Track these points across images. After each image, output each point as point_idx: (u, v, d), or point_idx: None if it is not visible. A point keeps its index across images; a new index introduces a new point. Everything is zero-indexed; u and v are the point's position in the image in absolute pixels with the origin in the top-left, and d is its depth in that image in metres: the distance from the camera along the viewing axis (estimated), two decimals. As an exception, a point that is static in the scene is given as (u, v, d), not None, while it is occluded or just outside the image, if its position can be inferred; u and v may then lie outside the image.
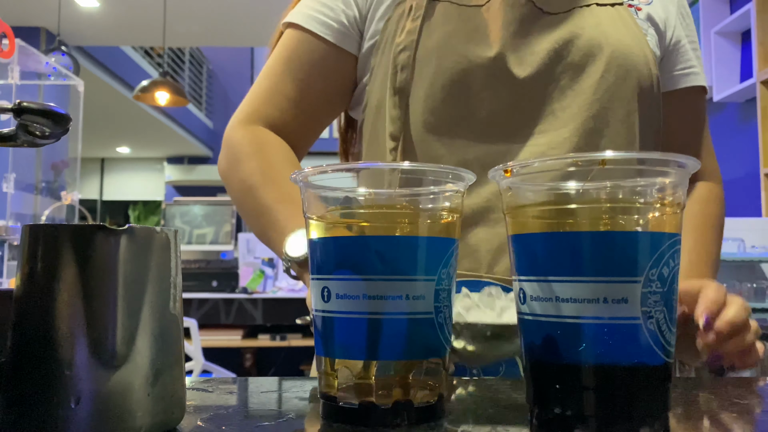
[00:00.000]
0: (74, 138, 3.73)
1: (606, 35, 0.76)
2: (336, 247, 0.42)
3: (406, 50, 0.77)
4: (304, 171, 0.44)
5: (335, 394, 0.42)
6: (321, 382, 0.43)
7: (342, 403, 0.41)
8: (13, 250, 2.75)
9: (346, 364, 0.42)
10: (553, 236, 0.40)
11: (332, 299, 0.42)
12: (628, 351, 0.38)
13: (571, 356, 0.38)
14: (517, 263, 0.42)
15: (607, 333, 0.38)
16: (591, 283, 0.38)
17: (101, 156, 10.21)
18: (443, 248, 0.43)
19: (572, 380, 0.39)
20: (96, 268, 0.37)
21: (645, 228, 0.39)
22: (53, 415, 0.36)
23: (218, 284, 4.31)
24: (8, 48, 0.70)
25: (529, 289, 0.41)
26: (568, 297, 0.38)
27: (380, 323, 0.41)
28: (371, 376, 0.41)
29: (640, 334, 0.38)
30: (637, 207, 0.39)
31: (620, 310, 0.38)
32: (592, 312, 0.38)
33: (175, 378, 0.40)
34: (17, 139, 0.47)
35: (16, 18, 5.17)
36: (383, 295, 0.41)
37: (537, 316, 0.40)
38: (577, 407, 0.38)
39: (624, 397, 0.38)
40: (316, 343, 0.44)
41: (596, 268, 0.38)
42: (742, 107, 3.56)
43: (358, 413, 0.41)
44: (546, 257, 0.40)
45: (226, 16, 5.25)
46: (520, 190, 0.42)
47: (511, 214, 0.43)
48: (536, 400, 0.41)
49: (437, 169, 0.43)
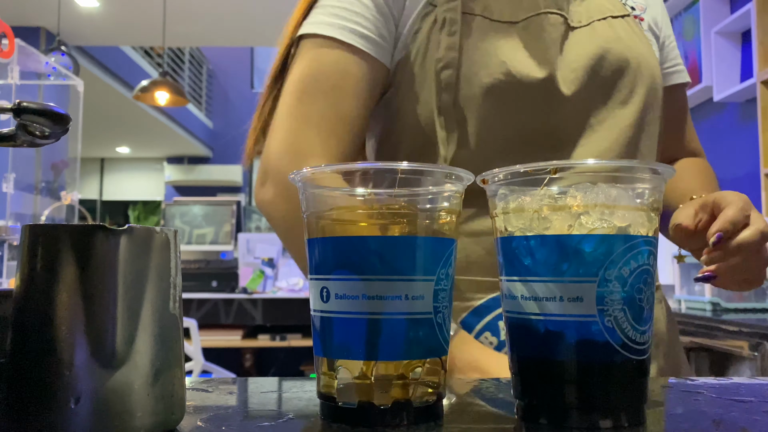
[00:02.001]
0: (74, 138, 3.73)
1: (629, 48, 0.80)
2: (335, 247, 0.42)
3: (449, 68, 0.73)
4: (302, 171, 0.44)
5: (334, 394, 0.42)
6: (320, 382, 0.43)
7: (341, 403, 0.41)
8: (13, 250, 2.76)
9: (345, 364, 0.42)
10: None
11: (331, 299, 0.42)
12: (585, 346, 0.40)
13: (541, 351, 0.41)
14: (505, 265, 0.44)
15: (566, 329, 0.40)
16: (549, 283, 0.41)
17: (101, 156, 10.21)
18: (442, 248, 0.43)
19: (539, 374, 0.42)
20: (96, 268, 0.37)
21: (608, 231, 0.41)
22: (53, 415, 0.36)
23: (218, 284, 4.31)
24: (8, 48, 0.70)
25: (514, 289, 0.43)
26: (530, 296, 0.41)
27: (379, 323, 0.41)
28: (370, 376, 0.41)
29: (596, 330, 0.40)
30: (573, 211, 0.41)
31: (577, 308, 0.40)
32: (551, 309, 0.40)
33: (175, 378, 0.40)
34: (17, 139, 0.47)
35: (16, 18, 5.17)
36: (382, 295, 0.41)
37: (521, 314, 0.42)
38: (544, 398, 0.41)
39: (588, 388, 0.40)
40: (315, 343, 0.44)
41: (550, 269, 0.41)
42: (742, 107, 3.56)
43: (357, 413, 0.41)
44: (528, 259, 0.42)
45: (226, 16, 5.25)
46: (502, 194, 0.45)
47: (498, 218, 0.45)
48: (518, 393, 0.43)
49: (436, 170, 0.44)
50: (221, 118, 9.63)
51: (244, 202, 8.33)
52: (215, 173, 9.34)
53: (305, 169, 0.44)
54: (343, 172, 0.44)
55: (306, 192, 0.45)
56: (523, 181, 0.43)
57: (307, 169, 0.44)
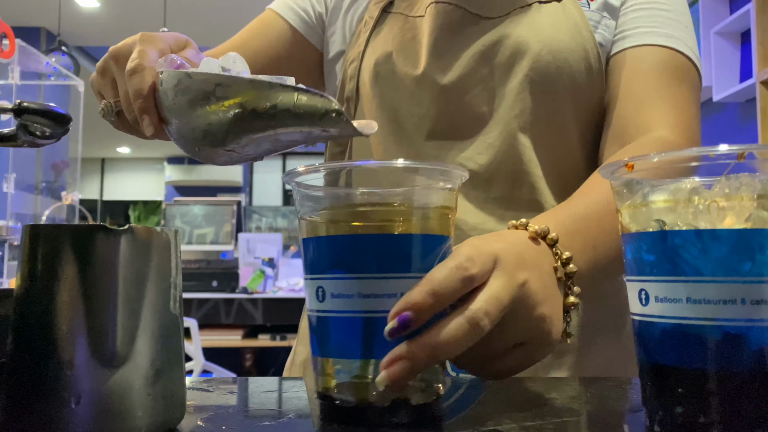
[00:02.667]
0: (74, 138, 3.73)
1: (537, 32, 0.73)
2: (329, 246, 0.42)
3: (354, 62, 0.80)
4: (296, 170, 0.44)
5: (332, 393, 0.42)
6: (318, 382, 0.43)
7: (339, 403, 0.42)
8: (13, 250, 2.75)
9: (343, 363, 0.42)
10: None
11: (327, 299, 0.42)
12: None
13: (694, 361, 0.36)
14: (636, 263, 0.39)
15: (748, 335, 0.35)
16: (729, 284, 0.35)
17: (101, 156, 10.21)
18: (436, 245, 0.43)
19: (688, 383, 0.37)
20: (96, 268, 0.37)
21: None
22: (53, 415, 0.36)
23: (218, 284, 4.31)
24: (8, 48, 0.69)
25: (653, 289, 0.38)
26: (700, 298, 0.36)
27: (375, 322, 0.41)
28: (368, 375, 0.41)
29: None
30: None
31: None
32: (727, 314, 0.35)
33: (175, 378, 0.40)
34: (17, 139, 0.47)
35: (17, 18, 5.17)
36: (378, 293, 0.41)
37: (663, 318, 0.38)
38: (717, 415, 0.36)
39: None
40: (312, 343, 0.44)
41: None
42: (742, 107, 3.56)
43: (355, 412, 0.41)
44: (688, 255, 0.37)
45: (226, 17, 5.25)
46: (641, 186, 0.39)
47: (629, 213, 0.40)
48: (653, 403, 0.39)
49: (430, 167, 0.44)
50: (221, 118, 9.58)
51: (244, 202, 8.33)
52: (215, 173, 9.34)
53: (298, 169, 0.43)
54: (337, 171, 0.44)
55: (299, 192, 0.45)
56: (668, 171, 0.38)
57: (301, 169, 0.43)
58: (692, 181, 0.37)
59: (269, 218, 6.66)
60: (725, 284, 0.35)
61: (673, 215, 0.37)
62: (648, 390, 0.39)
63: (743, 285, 0.35)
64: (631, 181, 0.40)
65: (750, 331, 0.35)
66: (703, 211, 0.36)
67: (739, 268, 0.35)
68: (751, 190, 0.36)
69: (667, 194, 0.38)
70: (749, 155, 0.36)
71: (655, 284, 0.38)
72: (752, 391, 0.35)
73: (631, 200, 0.40)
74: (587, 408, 0.49)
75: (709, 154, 0.37)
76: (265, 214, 6.73)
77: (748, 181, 0.36)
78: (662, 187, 0.38)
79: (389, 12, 0.81)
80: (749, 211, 0.36)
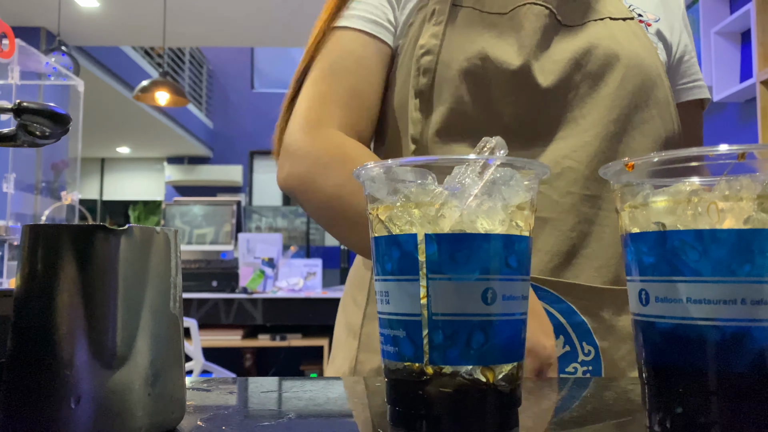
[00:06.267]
0: (74, 138, 3.73)
1: (621, 46, 0.79)
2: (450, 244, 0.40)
3: (429, 54, 0.78)
4: (386, 163, 0.41)
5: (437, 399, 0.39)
6: (421, 387, 0.40)
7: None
8: (13, 250, 2.76)
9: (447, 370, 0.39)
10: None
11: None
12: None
13: (694, 361, 0.36)
14: (636, 264, 0.40)
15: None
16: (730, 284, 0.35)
17: (101, 156, 10.21)
18: (527, 245, 0.42)
19: (688, 383, 0.37)
20: (96, 268, 0.37)
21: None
22: (53, 415, 0.36)
23: (218, 284, 4.31)
24: (8, 48, 0.70)
25: (653, 290, 0.38)
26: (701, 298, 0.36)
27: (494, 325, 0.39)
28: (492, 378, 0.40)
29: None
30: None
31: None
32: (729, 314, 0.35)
33: (175, 378, 0.40)
34: (17, 139, 0.47)
35: (16, 18, 5.17)
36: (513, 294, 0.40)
37: (663, 318, 0.38)
38: (719, 417, 0.36)
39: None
40: (405, 348, 0.40)
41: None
42: (742, 107, 3.56)
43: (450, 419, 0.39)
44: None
45: (226, 16, 5.25)
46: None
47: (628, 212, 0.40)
48: (653, 403, 0.39)
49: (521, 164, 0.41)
50: (221, 118, 9.63)
51: (244, 202, 8.33)
52: (215, 173, 9.34)
53: (369, 164, 0.41)
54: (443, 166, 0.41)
55: (369, 186, 0.43)
56: (667, 170, 0.39)
57: (372, 164, 0.42)
58: (692, 183, 0.37)
59: (269, 218, 6.66)
60: (725, 285, 0.35)
61: (673, 217, 0.37)
62: (648, 390, 0.39)
63: (743, 285, 0.35)
64: (631, 182, 0.40)
65: (750, 332, 0.35)
66: (703, 212, 0.36)
67: (738, 268, 0.35)
68: (750, 192, 0.36)
69: (667, 196, 0.38)
70: (749, 155, 0.36)
71: (655, 284, 0.38)
72: (752, 391, 0.35)
73: (632, 201, 0.40)
74: (587, 408, 0.49)
75: (709, 154, 0.37)
76: (265, 214, 6.73)
77: (748, 183, 0.36)
78: (662, 189, 0.38)
79: (459, 6, 0.80)
80: (749, 213, 0.36)
